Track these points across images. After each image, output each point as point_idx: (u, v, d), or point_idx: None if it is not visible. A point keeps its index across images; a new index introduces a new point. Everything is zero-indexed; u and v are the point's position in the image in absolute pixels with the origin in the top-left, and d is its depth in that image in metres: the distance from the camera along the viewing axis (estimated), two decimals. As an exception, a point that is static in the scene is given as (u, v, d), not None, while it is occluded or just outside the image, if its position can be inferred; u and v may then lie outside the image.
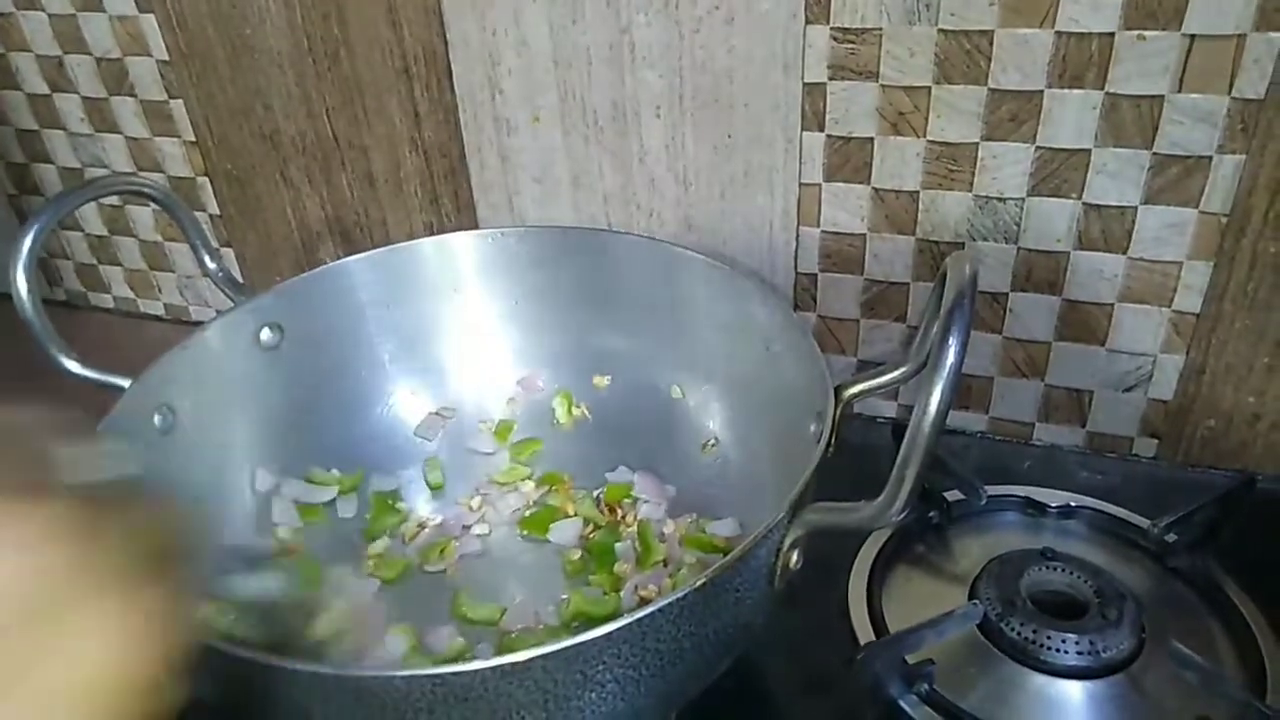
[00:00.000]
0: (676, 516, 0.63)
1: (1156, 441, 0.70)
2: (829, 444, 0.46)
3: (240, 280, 0.66)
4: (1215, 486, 0.62)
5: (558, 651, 0.36)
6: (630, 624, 0.37)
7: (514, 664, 0.36)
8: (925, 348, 0.48)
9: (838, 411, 0.49)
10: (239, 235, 0.90)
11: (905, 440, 0.37)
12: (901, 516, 0.39)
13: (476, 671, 0.36)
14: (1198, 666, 0.51)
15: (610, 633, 0.37)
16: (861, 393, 0.50)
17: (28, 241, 0.53)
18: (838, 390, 0.49)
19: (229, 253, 0.91)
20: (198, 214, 0.89)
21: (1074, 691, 0.52)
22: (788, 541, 0.43)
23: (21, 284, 0.52)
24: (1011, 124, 0.62)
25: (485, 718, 0.38)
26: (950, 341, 0.36)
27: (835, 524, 0.42)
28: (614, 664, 0.38)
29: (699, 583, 0.39)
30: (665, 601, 0.38)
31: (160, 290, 0.98)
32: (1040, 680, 0.53)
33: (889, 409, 0.77)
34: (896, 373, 0.50)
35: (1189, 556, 0.60)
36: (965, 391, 0.73)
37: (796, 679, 0.57)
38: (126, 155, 0.89)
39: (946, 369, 0.36)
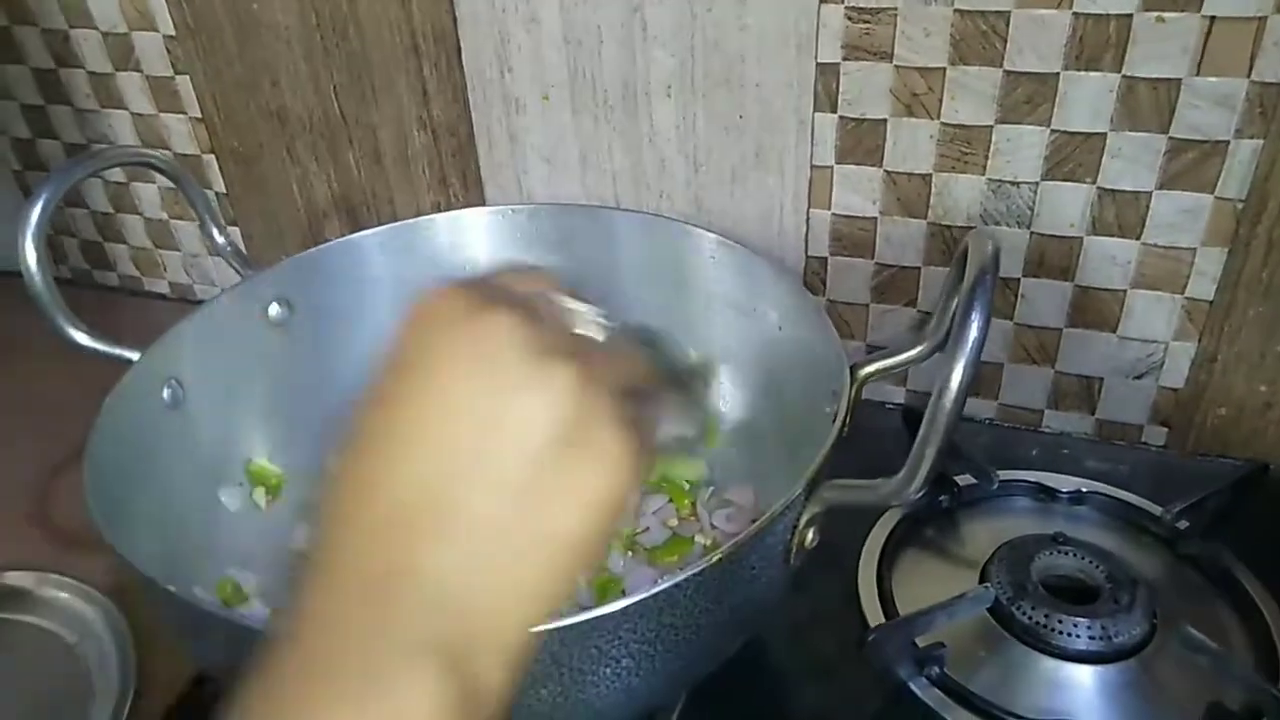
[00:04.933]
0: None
1: (1166, 429, 0.70)
2: (845, 423, 0.46)
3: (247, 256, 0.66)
4: (1226, 474, 0.61)
5: (574, 625, 0.36)
6: (646, 599, 0.37)
7: (530, 637, 0.36)
8: (942, 328, 0.48)
9: (853, 392, 0.48)
10: (245, 214, 0.89)
11: (925, 418, 0.37)
12: (920, 494, 0.39)
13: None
14: (1210, 651, 0.51)
15: (627, 607, 0.37)
16: (877, 372, 0.50)
17: (35, 212, 0.52)
18: (853, 369, 0.49)
19: (235, 231, 0.90)
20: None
21: (1085, 676, 0.52)
22: (804, 519, 0.42)
23: (30, 255, 0.52)
24: (1026, 106, 0.61)
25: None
26: (973, 318, 0.36)
27: (853, 500, 0.42)
28: (630, 639, 0.38)
29: (715, 558, 0.38)
30: (682, 576, 0.38)
31: (165, 269, 0.98)
32: (1051, 664, 0.53)
33: (898, 395, 0.77)
34: (913, 352, 0.49)
35: (1201, 543, 0.59)
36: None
37: (807, 661, 0.57)
38: (132, 131, 0.89)
39: (969, 345, 0.36)
